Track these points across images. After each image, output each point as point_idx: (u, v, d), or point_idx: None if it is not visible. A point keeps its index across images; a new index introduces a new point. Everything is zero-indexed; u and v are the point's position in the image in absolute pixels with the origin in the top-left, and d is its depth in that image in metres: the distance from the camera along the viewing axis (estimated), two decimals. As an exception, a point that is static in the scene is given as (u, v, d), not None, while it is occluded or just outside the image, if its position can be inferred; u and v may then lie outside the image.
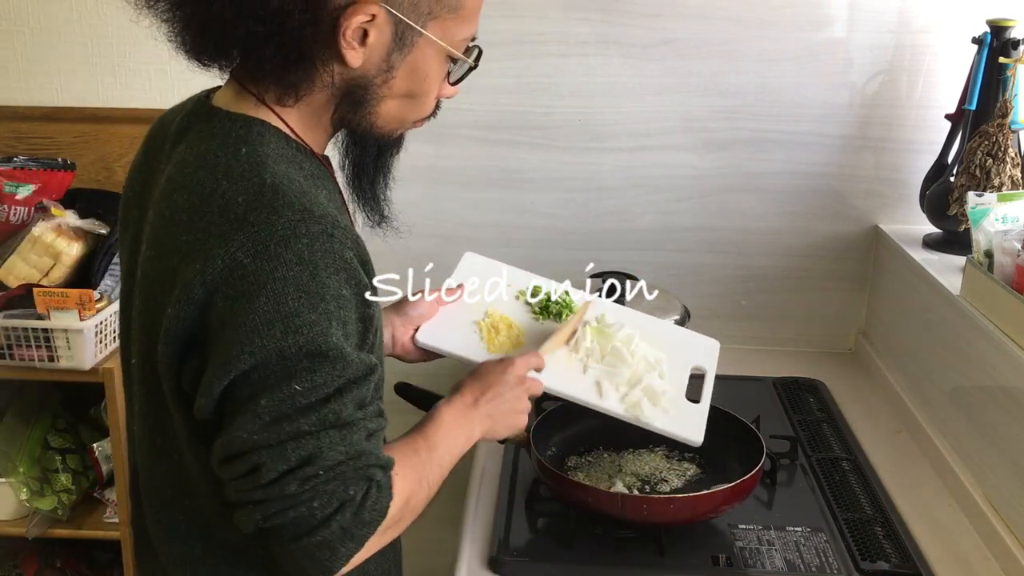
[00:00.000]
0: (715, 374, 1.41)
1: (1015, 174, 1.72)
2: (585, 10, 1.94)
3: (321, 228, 0.94)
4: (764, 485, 1.53)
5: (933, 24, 1.91)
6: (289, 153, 1.02)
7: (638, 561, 1.36)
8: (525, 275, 1.51)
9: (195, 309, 0.93)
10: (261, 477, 0.92)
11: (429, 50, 1.04)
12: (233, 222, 0.93)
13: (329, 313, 0.93)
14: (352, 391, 0.95)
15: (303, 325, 0.91)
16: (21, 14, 2.03)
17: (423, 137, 2.03)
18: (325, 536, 0.94)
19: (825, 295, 2.09)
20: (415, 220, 2.07)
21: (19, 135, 2.09)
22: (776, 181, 2.02)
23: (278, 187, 0.95)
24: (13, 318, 1.76)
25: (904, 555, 1.38)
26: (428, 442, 1.11)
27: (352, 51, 0.99)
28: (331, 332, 0.93)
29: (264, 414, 0.91)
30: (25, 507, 1.90)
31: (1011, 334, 1.43)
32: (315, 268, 0.93)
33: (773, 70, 1.95)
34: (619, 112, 2.00)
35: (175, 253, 0.96)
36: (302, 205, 0.94)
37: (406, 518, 1.04)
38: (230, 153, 0.99)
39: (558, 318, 1.43)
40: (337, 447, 0.93)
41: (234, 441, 0.92)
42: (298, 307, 0.91)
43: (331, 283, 0.94)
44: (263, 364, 0.91)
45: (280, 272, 0.91)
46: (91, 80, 2.06)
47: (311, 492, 0.92)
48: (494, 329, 1.40)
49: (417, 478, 1.05)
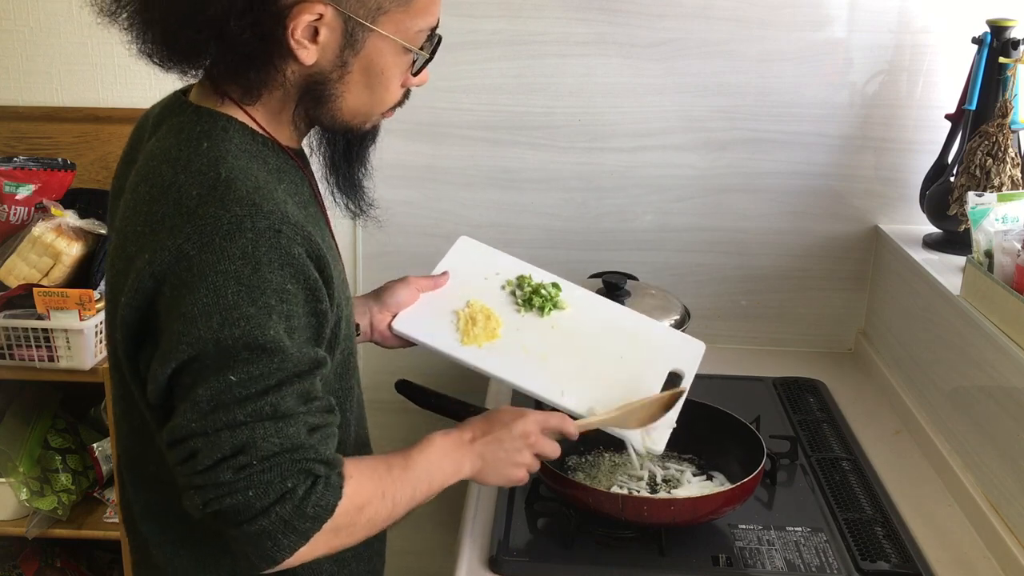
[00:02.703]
0: (693, 377, 1.39)
1: (1015, 174, 1.72)
2: (585, 10, 1.94)
3: (268, 224, 0.96)
4: (764, 485, 1.53)
5: (933, 24, 1.91)
6: (253, 148, 1.05)
7: (638, 561, 1.36)
8: (518, 264, 1.51)
9: (145, 298, 0.97)
10: (198, 464, 0.95)
11: (382, 44, 1.05)
12: (184, 215, 0.96)
13: (269, 307, 0.95)
14: (293, 384, 0.97)
15: (240, 318, 0.94)
16: (21, 14, 2.03)
17: (423, 137, 2.04)
18: (264, 525, 0.95)
19: (825, 295, 2.09)
20: (415, 220, 2.10)
21: (19, 135, 2.09)
22: (776, 181, 2.02)
23: (231, 182, 0.98)
24: (13, 318, 1.76)
25: (904, 555, 1.38)
26: (407, 461, 1.11)
27: (304, 49, 1.01)
28: (270, 325, 0.95)
29: (202, 403, 0.94)
30: (25, 507, 1.90)
31: (1011, 334, 1.43)
32: (258, 263, 0.95)
33: (773, 70, 1.95)
34: (619, 112, 2.00)
35: (133, 243, 1.00)
36: (252, 201, 0.97)
37: (360, 526, 1.04)
38: (192, 148, 1.02)
39: (540, 312, 1.43)
40: (272, 439, 0.95)
41: (175, 428, 0.95)
42: (237, 300, 0.94)
43: (274, 278, 0.96)
44: (201, 354, 0.94)
45: (222, 265, 0.94)
46: (91, 80, 2.06)
47: (246, 481, 0.94)
48: (471, 320, 1.39)
49: (379, 490, 1.06)
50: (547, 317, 1.43)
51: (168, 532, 1.14)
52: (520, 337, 1.39)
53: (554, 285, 1.47)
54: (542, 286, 1.46)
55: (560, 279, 1.49)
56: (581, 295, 1.49)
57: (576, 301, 1.47)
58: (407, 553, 2.32)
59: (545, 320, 1.42)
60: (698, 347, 1.45)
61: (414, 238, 2.10)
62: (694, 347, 1.45)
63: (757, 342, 2.12)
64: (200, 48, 1.02)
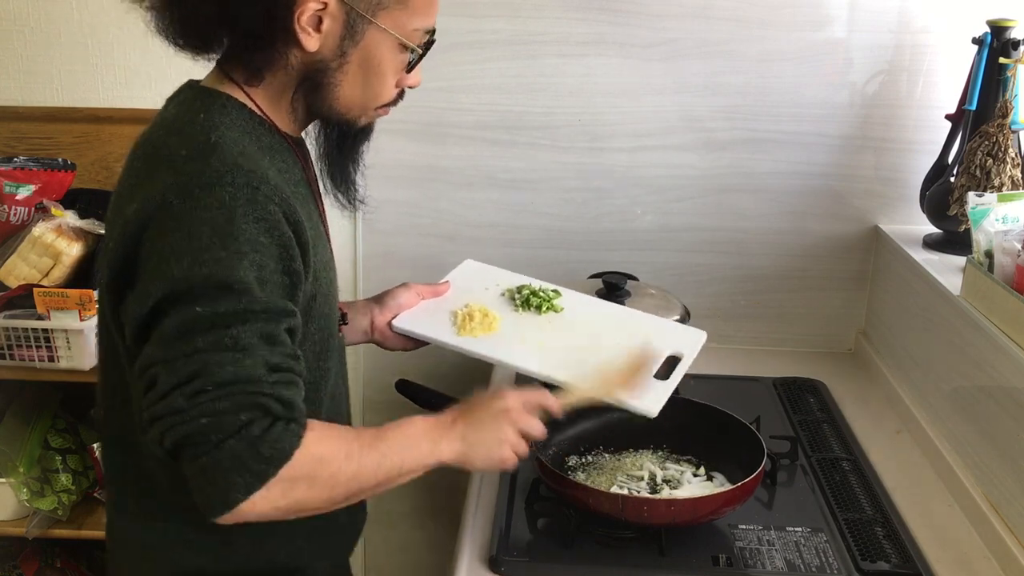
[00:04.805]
0: (692, 357, 1.39)
1: (1015, 174, 1.72)
2: (585, 10, 1.94)
3: (246, 180, 1.02)
4: (764, 485, 1.53)
5: (933, 24, 1.91)
6: (248, 126, 1.11)
7: (638, 561, 1.36)
8: (519, 277, 1.54)
9: (130, 243, 1.03)
10: (156, 392, 0.98)
11: (380, 38, 1.11)
12: (171, 170, 1.04)
13: (241, 253, 1.00)
14: (257, 323, 1.00)
15: (210, 259, 0.99)
16: (21, 14, 2.03)
17: (423, 137, 2.04)
18: (218, 458, 0.96)
19: (825, 295, 2.09)
20: (415, 220, 2.10)
21: (19, 135, 2.09)
22: (776, 181, 2.02)
23: (218, 144, 1.05)
24: (13, 318, 1.76)
25: (904, 555, 1.38)
26: (380, 432, 1.11)
27: (308, 36, 1.08)
28: (239, 267, 0.99)
29: (167, 333, 0.98)
30: (25, 507, 1.90)
31: (1011, 334, 1.43)
32: (233, 212, 1.00)
33: (773, 70, 1.95)
34: (619, 112, 2.00)
35: (125, 197, 1.07)
36: (234, 160, 1.03)
37: (320, 481, 1.03)
38: (189, 118, 1.09)
39: (537, 310, 1.46)
40: (227, 367, 0.97)
41: (142, 359, 1.00)
42: (209, 244, 0.99)
43: (248, 228, 1.01)
44: (172, 292, 0.98)
45: (200, 213, 1.00)
46: (91, 80, 2.06)
47: (199, 409, 0.96)
48: (469, 317, 1.43)
49: (343, 449, 1.05)
50: (544, 315, 1.46)
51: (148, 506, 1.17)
52: (518, 331, 1.43)
53: (554, 290, 1.50)
54: (541, 289, 1.50)
55: (562, 288, 1.52)
56: (581, 298, 1.51)
57: (575, 304, 1.49)
58: (407, 552, 2.33)
59: (543, 317, 1.46)
60: (698, 335, 1.45)
61: (414, 238, 2.10)
62: (694, 335, 1.45)
63: (757, 342, 2.12)
64: (214, 28, 1.10)
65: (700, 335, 1.44)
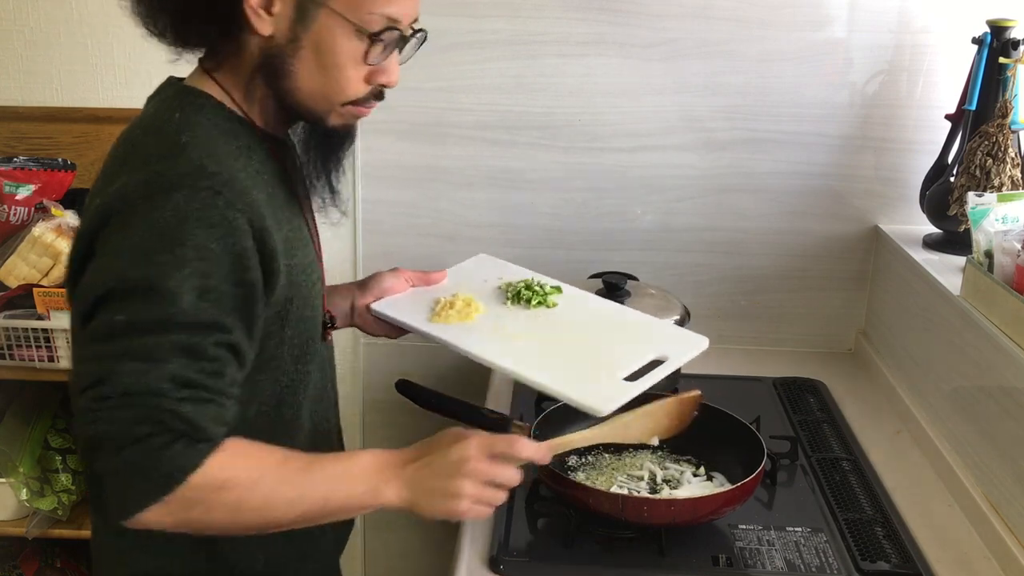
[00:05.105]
0: (680, 364, 1.30)
1: (1015, 174, 1.72)
2: (585, 10, 1.94)
3: (208, 184, 1.00)
4: (764, 485, 1.53)
5: (933, 24, 1.91)
6: (225, 125, 1.10)
7: (638, 561, 1.36)
8: (527, 272, 1.49)
9: (90, 236, 1.03)
10: (72, 390, 0.99)
11: (331, 22, 1.06)
12: (138, 168, 1.03)
13: (183, 260, 0.98)
14: (177, 333, 0.97)
15: (148, 263, 0.98)
16: (21, 14, 2.03)
17: (423, 137, 2.04)
18: (117, 465, 0.94)
19: (825, 295, 2.09)
20: (415, 220, 2.10)
21: (19, 135, 2.09)
22: (776, 181, 2.02)
23: (188, 146, 1.04)
24: (13, 318, 1.76)
25: (904, 555, 1.38)
26: (312, 463, 1.04)
27: (259, 19, 1.05)
28: (174, 276, 0.97)
29: (91, 332, 0.99)
30: (25, 507, 1.90)
31: (1011, 334, 1.43)
32: (185, 217, 0.99)
33: (773, 70, 1.95)
34: (619, 112, 2.00)
35: (96, 193, 1.08)
36: (200, 163, 1.02)
37: (217, 508, 0.98)
38: (166, 117, 1.09)
39: (527, 304, 1.40)
40: (129, 376, 0.95)
41: (72, 355, 1.03)
42: (152, 247, 0.98)
43: (198, 234, 0.99)
44: (106, 292, 0.98)
45: (153, 215, 0.99)
46: (91, 80, 2.06)
47: (104, 413, 0.95)
48: (450, 304, 1.38)
49: (252, 477, 0.99)
50: (534, 310, 1.40)
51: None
52: (496, 322, 1.36)
53: (555, 287, 1.44)
54: (538, 284, 1.44)
55: (567, 286, 1.45)
56: (582, 297, 1.45)
57: (573, 302, 1.43)
58: (407, 553, 2.33)
59: (530, 312, 1.39)
60: (698, 341, 1.33)
61: (414, 238, 2.10)
62: (693, 340, 1.33)
63: (757, 342, 2.12)
64: (170, 13, 1.08)
65: (700, 341, 1.33)
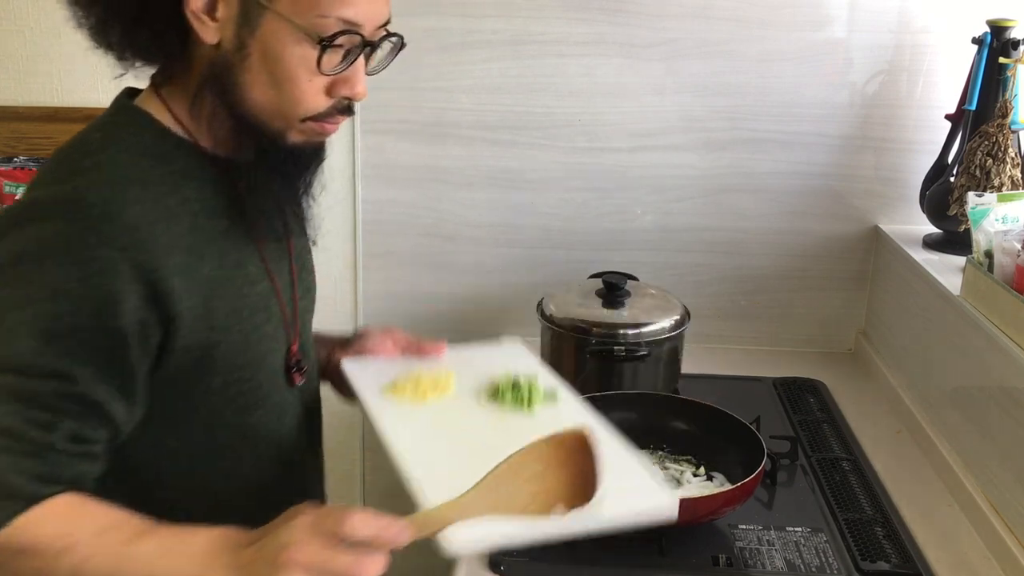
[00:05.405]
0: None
1: (1015, 174, 1.72)
2: (585, 10, 1.94)
3: (83, 217, 0.92)
4: (764, 485, 1.53)
5: (933, 24, 1.91)
6: (157, 147, 1.02)
7: (638, 561, 1.36)
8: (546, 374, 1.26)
9: None
10: None
11: (278, 27, 0.96)
12: (34, 186, 1.00)
13: (30, 299, 0.91)
14: (5, 376, 0.91)
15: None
16: (21, 14, 2.03)
17: (423, 137, 2.04)
18: None
19: (825, 295, 2.09)
20: (415, 220, 2.10)
21: (19, 135, 2.08)
22: (776, 181, 2.02)
23: (85, 170, 0.97)
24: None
25: (904, 555, 1.38)
26: (148, 535, 0.93)
27: (203, 25, 0.97)
28: (12, 317, 0.91)
29: None
30: (25, 507, 1.90)
31: (1011, 334, 1.43)
32: (47, 253, 0.92)
33: (773, 70, 1.95)
34: (619, 112, 2.00)
35: None
36: (81, 194, 0.94)
37: (23, 573, 0.91)
38: (88, 135, 1.03)
39: (502, 401, 1.18)
40: None
41: None
42: (5, 279, 0.92)
43: (58, 273, 0.91)
44: None
45: (18, 244, 0.93)
46: (91, 80, 2.06)
47: None
48: (417, 380, 1.19)
49: (59, 544, 0.90)
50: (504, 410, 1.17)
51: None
52: (445, 412, 1.17)
53: (550, 393, 1.21)
54: (530, 385, 1.20)
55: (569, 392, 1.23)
56: (574, 408, 1.20)
57: (558, 413, 1.18)
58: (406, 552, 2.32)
59: (500, 412, 1.17)
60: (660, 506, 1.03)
61: (414, 238, 2.10)
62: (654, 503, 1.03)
63: (757, 342, 2.12)
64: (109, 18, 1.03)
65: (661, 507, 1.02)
